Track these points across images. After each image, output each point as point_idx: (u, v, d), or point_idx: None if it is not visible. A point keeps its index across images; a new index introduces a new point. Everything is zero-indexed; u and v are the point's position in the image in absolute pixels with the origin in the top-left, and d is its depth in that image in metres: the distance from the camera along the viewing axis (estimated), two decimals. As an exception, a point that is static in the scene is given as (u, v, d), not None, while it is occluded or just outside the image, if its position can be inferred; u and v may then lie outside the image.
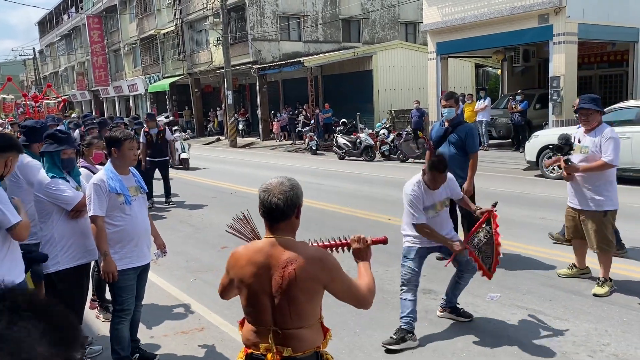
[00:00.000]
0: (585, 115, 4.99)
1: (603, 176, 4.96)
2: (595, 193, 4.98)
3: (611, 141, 4.86)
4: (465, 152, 5.85)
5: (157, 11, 34.70)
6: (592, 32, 15.96)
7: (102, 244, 3.63)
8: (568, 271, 5.49)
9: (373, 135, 17.46)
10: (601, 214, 4.98)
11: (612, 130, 5.00)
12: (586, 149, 5.00)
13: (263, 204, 2.17)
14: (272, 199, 2.14)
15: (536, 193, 10.13)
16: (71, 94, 50.11)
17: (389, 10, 30.07)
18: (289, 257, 2.13)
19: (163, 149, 10.50)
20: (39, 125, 4.64)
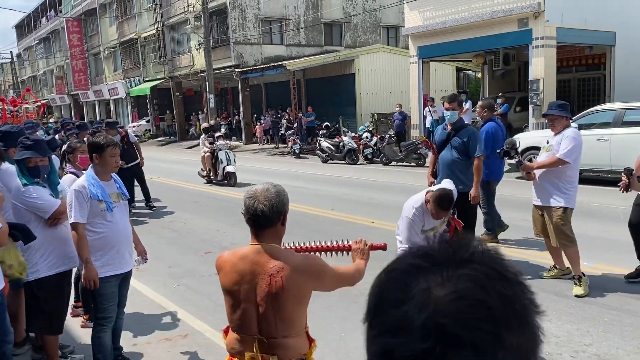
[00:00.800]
0: (551, 120, 5.24)
1: (563, 174, 5.13)
2: (555, 190, 5.16)
3: (568, 140, 5.05)
4: (468, 156, 5.75)
5: (137, 15, 34.42)
6: (570, 36, 16.22)
7: (83, 251, 3.58)
8: (550, 273, 5.58)
9: (356, 139, 17.51)
10: (559, 210, 5.15)
11: (575, 132, 5.19)
12: (550, 147, 5.23)
13: (248, 210, 2.16)
14: (257, 205, 2.13)
15: (517, 195, 10.23)
16: (50, 98, 49.44)
17: (370, 14, 30.22)
18: (275, 266, 2.11)
19: (132, 153, 10.31)
20: (14, 130, 4.55)
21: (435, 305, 0.64)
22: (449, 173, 5.81)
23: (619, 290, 5.13)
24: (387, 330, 0.66)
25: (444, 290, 0.65)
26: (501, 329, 0.64)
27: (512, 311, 0.66)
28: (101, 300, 3.75)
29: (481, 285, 0.66)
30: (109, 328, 3.83)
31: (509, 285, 0.68)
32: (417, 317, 0.64)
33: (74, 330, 4.83)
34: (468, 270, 0.68)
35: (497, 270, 0.69)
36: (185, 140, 31.44)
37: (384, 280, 0.74)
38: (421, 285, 0.67)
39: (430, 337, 0.62)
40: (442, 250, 0.72)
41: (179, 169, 17.48)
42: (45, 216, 3.74)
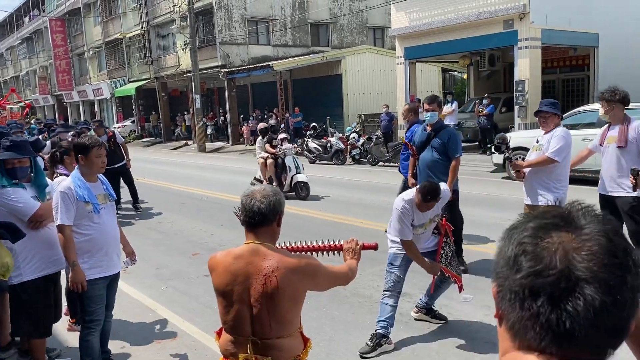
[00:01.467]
0: (544, 117, 5.16)
1: (552, 173, 5.11)
2: (544, 189, 5.15)
3: (558, 139, 5.01)
4: (448, 157, 5.79)
5: (122, 14, 34.14)
6: (555, 38, 16.40)
7: (70, 254, 3.53)
8: None
9: (343, 139, 17.53)
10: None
11: (565, 131, 5.16)
12: (540, 147, 5.21)
13: (245, 207, 2.15)
14: (254, 203, 2.13)
15: (503, 195, 10.32)
16: (33, 99, 48.81)
17: (357, 15, 30.29)
18: (270, 265, 2.10)
19: (118, 155, 10.21)
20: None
21: (575, 252, 0.84)
22: (429, 174, 5.84)
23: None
24: (533, 273, 0.84)
25: (577, 243, 0.84)
26: (625, 273, 0.83)
27: (631, 259, 0.85)
28: (89, 303, 3.70)
29: (608, 239, 0.85)
30: (96, 331, 3.78)
31: (624, 239, 0.87)
32: (559, 264, 0.83)
33: (60, 334, 4.76)
34: (595, 227, 0.86)
35: (614, 229, 0.88)
36: (170, 140, 31.23)
37: (522, 236, 0.91)
38: (560, 237, 0.86)
39: (570, 279, 0.82)
40: (573, 211, 0.91)
41: (165, 170, 17.35)
42: (24, 219, 3.66)
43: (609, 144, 5.20)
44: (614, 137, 5.14)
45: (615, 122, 5.16)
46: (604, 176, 5.24)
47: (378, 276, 5.87)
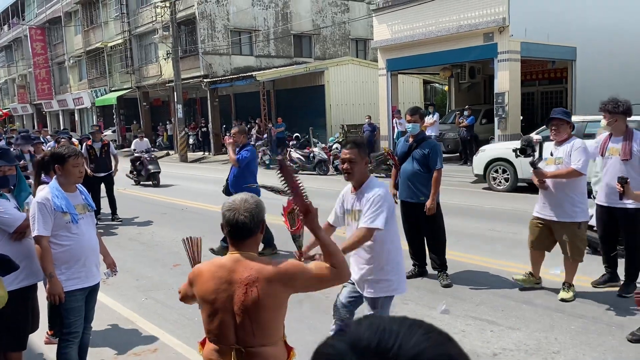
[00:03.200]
0: (556, 126, 5.03)
1: (578, 188, 4.99)
2: (570, 204, 5.00)
3: (581, 152, 4.89)
4: (429, 169, 5.80)
5: (104, 24, 33.93)
6: (534, 51, 16.70)
7: (47, 265, 3.47)
8: (524, 278, 5.52)
9: (326, 150, 17.58)
10: (576, 225, 5.05)
11: (584, 143, 5.05)
12: (560, 160, 5.02)
13: (229, 222, 2.15)
14: (238, 217, 2.13)
15: (484, 205, 10.42)
16: (12, 108, 48.10)
17: (339, 27, 30.52)
18: (250, 275, 2.11)
19: (107, 164, 10.26)
20: None
21: None
22: (409, 185, 5.89)
23: (585, 298, 5.25)
24: None
25: None
26: None
27: None
28: (67, 314, 3.64)
29: None
30: (75, 343, 3.72)
31: None
32: None
33: (37, 347, 4.66)
34: None
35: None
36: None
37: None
38: None
39: None
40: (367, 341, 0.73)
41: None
42: (10, 230, 3.61)
43: (611, 156, 5.18)
44: (616, 149, 5.13)
45: (618, 134, 5.16)
46: (605, 188, 5.19)
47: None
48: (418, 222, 5.99)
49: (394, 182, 6.27)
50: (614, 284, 5.45)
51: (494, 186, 11.99)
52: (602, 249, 5.58)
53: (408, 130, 6.12)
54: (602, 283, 5.52)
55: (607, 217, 5.33)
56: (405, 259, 6.45)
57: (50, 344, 4.69)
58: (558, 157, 5.05)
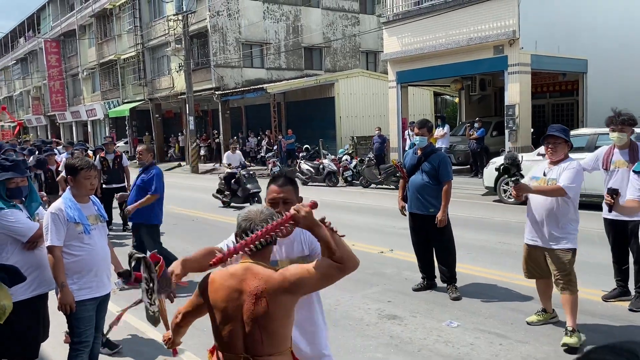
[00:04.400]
0: (554, 144, 4.58)
1: (567, 213, 4.54)
2: (560, 231, 4.56)
3: (572, 172, 4.46)
4: (438, 181, 5.80)
5: (117, 36, 34.39)
6: (544, 63, 16.69)
7: (59, 275, 3.52)
8: (538, 317, 4.99)
9: (336, 161, 17.62)
10: (568, 253, 4.58)
11: (579, 165, 4.60)
12: (553, 182, 4.53)
13: (245, 232, 2.19)
14: (254, 228, 2.17)
15: (494, 218, 10.38)
16: (26, 119, 48.78)
17: (350, 40, 30.70)
18: (259, 286, 2.14)
19: (120, 175, 10.37)
20: None
21: None
22: (419, 197, 5.89)
23: (595, 312, 5.21)
24: None
25: None
26: None
27: None
28: (77, 324, 3.69)
29: None
30: (85, 353, 3.76)
31: None
32: None
33: (48, 355, 4.71)
34: None
35: None
36: (164, 162, 31.20)
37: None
38: None
39: None
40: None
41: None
42: (24, 240, 3.68)
43: (617, 168, 5.14)
44: (622, 161, 5.10)
45: (623, 147, 5.14)
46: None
47: (370, 299, 5.87)
48: (427, 234, 5.98)
49: (402, 194, 6.27)
50: (625, 298, 5.40)
51: (505, 199, 11.94)
52: (614, 263, 5.54)
53: (416, 143, 6.15)
54: (613, 297, 5.47)
55: (615, 230, 5.29)
56: (414, 272, 6.46)
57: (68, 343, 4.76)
58: (551, 178, 4.57)
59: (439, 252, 6.02)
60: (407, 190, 6.10)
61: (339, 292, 5.86)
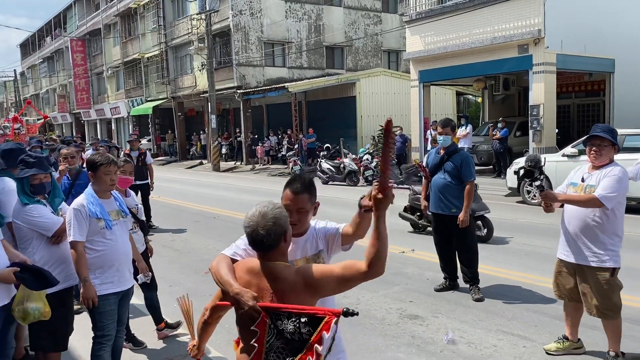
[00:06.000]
0: (598, 146, 4.01)
1: (610, 227, 3.99)
2: (598, 245, 4.01)
3: (613, 180, 3.91)
4: (461, 181, 5.76)
5: (141, 35, 34.82)
6: (570, 63, 16.41)
7: (82, 270, 3.56)
8: (558, 345, 4.39)
9: (357, 161, 17.56)
10: (606, 272, 4.01)
11: (624, 172, 4.00)
12: (591, 189, 4.00)
13: (248, 238, 2.19)
14: (255, 236, 2.16)
15: (518, 219, 10.24)
16: (52, 116, 49.72)
17: (372, 39, 30.59)
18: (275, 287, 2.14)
19: (144, 172, 10.49)
20: (14, 147, 4.52)
21: None
22: (441, 197, 5.85)
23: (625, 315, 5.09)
24: None
25: None
26: None
27: None
28: (100, 318, 3.72)
29: None
30: (108, 346, 3.79)
31: None
32: None
33: (73, 349, 4.78)
34: None
35: None
36: (186, 159, 31.53)
37: None
38: None
39: None
40: None
41: (180, 189, 17.49)
42: (49, 234, 3.73)
43: None
44: None
45: None
46: None
47: (391, 298, 5.84)
48: (449, 234, 5.93)
49: (425, 194, 6.23)
50: None
51: (528, 200, 11.77)
52: None
53: (439, 142, 6.10)
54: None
55: None
56: (436, 272, 6.41)
57: (164, 338, 4.97)
58: (589, 185, 4.03)
59: (462, 252, 5.96)
60: (430, 190, 6.06)
61: (359, 291, 5.84)
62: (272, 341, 2.07)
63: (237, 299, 2.14)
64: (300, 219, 2.51)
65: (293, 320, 2.02)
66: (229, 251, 2.47)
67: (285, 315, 2.03)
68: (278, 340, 2.06)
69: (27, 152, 4.39)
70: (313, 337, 1.99)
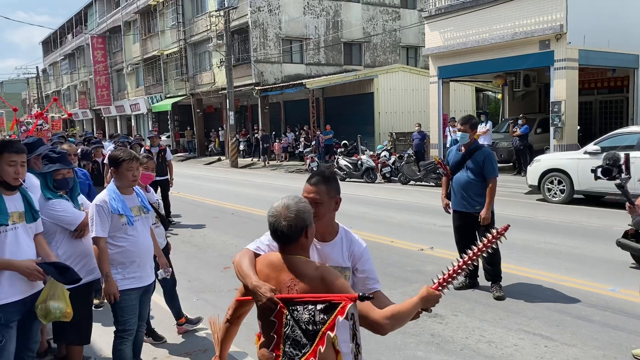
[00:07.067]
0: None
1: None
2: None
3: None
4: (483, 178, 5.71)
5: (161, 32, 35.09)
6: (593, 58, 16.12)
7: (104, 265, 3.59)
8: None
9: (374, 157, 17.50)
10: None
11: None
12: None
13: (270, 228, 2.20)
14: (278, 225, 2.16)
15: (538, 217, 10.11)
16: (73, 113, 50.42)
17: (390, 35, 30.43)
18: (291, 279, 2.13)
19: (163, 168, 10.58)
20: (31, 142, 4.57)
21: None
22: (464, 194, 5.79)
23: None
24: None
25: None
26: None
27: None
28: (121, 313, 3.76)
29: None
30: (129, 341, 3.83)
31: None
32: None
33: (95, 342, 4.84)
34: None
35: None
36: (204, 156, 31.72)
37: None
38: None
39: None
40: None
41: (199, 185, 17.60)
42: (72, 228, 3.78)
43: None
44: None
45: None
46: None
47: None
48: (472, 232, 5.84)
49: (446, 192, 6.15)
50: None
51: (549, 197, 11.62)
52: None
53: (458, 139, 6.03)
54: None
55: None
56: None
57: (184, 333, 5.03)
58: None
59: None
60: (451, 188, 6.00)
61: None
62: (289, 332, 2.07)
63: (255, 292, 2.15)
64: (317, 211, 2.43)
65: (309, 309, 2.02)
66: (253, 245, 2.46)
67: (302, 305, 2.04)
68: (294, 332, 2.06)
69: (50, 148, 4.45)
70: (326, 325, 1.99)
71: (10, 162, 3.14)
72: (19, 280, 3.19)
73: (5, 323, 3.12)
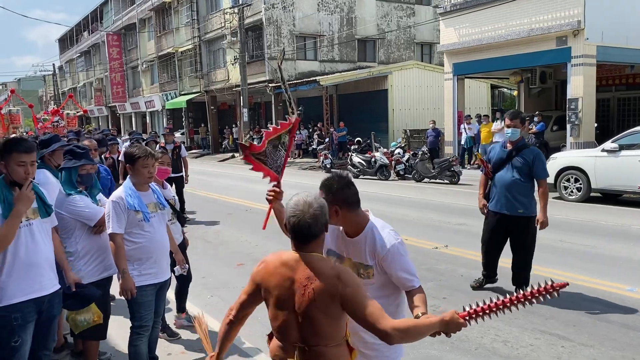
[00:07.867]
0: None
1: None
2: None
3: None
4: (529, 178, 5.40)
5: (175, 30, 35.25)
6: (611, 55, 15.89)
7: (120, 262, 3.62)
8: None
9: (388, 155, 17.43)
10: None
11: None
12: None
13: (294, 228, 2.13)
14: (303, 224, 2.11)
15: (554, 215, 9.97)
16: (89, 109, 50.90)
17: (404, 31, 30.27)
18: (309, 276, 2.10)
19: (178, 165, 10.62)
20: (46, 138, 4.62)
21: None
22: (507, 195, 5.45)
23: None
24: None
25: None
26: None
27: None
28: (138, 308, 3.78)
29: None
30: (145, 337, 3.85)
31: None
32: None
33: (110, 338, 4.88)
34: None
35: None
36: (218, 153, 31.85)
37: None
38: None
39: None
40: None
41: (213, 181, 17.69)
42: (91, 224, 3.82)
43: None
44: None
45: None
46: None
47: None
48: (506, 236, 5.62)
49: (484, 191, 5.81)
50: None
51: (565, 196, 11.49)
52: None
53: (507, 135, 5.61)
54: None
55: None
56: (470, 269, 6.30)
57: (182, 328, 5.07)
58: None
59: (518, 252, 5.60)
60: (491, 187, 5.69)
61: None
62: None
63: None
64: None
65: None
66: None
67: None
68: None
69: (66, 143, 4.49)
70: None
71: (20, 162, 3.08)
72: (31, 279, 3.14)
73: (22, 323, 3.08)
